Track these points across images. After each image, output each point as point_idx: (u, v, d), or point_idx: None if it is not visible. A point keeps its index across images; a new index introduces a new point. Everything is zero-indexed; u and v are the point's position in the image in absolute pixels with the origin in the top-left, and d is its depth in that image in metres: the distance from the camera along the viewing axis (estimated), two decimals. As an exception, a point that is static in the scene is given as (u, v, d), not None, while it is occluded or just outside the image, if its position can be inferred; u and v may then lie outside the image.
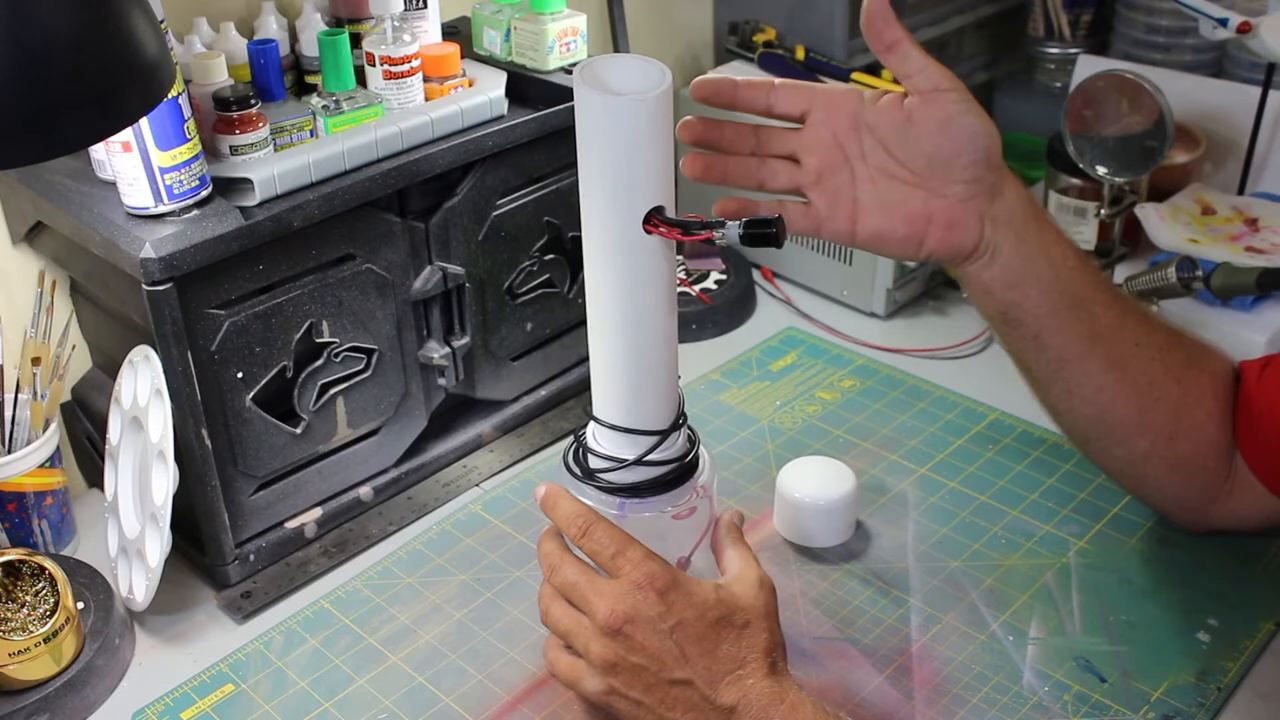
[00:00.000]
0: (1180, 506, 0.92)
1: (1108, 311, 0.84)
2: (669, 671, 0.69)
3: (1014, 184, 0.81)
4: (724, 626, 0.70)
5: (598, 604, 0.71)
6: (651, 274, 0.71)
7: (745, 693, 0.69)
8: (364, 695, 0.84)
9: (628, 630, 0.69)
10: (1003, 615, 0.88)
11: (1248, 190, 1.31)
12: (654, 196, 0.68)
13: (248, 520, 0.94)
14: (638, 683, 0.70)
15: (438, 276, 1.00)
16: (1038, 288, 0.82)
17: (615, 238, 0.69)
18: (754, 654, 0.70)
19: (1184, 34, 1.44)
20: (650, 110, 0.66)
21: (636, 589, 0.70)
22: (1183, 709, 0.80)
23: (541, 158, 1.04)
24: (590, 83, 0.66)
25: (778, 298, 1.29)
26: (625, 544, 0.72)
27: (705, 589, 0.71)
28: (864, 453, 1.06)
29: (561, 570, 0.74)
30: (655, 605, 0.69)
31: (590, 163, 0.68)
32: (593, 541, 0.73)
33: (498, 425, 1.10)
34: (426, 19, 1.02)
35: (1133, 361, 0.85)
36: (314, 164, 0.89)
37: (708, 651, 0.69)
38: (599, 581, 0.72)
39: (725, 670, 0.69)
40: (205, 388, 0.87)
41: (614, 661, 0.70)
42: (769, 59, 1.35)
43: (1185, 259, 1.15)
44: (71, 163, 0.91)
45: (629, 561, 0.71)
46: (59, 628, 0.83)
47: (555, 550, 0.75)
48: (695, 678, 0.69)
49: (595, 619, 0.71)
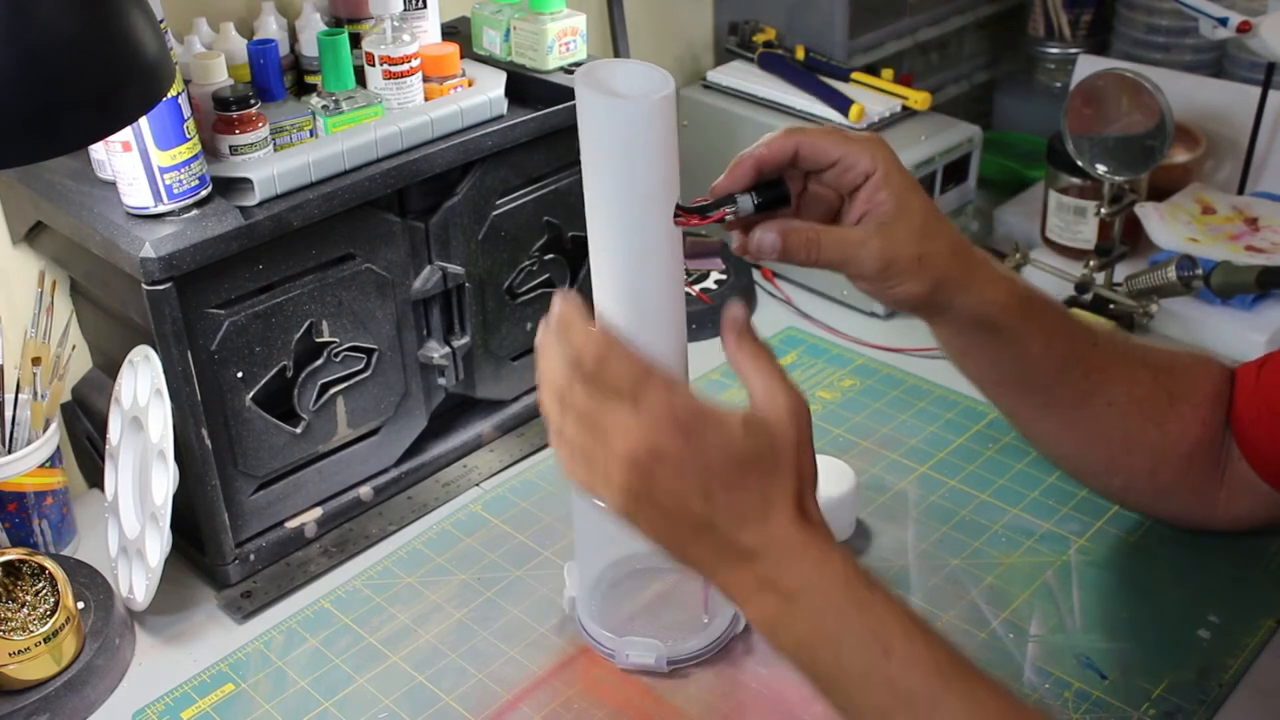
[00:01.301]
0: (1174, 518, 0.93)
1: (1076, 386, 0.84)
2: (690, 510, 0.63)
3: (979, 285, 0.78)
4: (751, 468, 0.63)
5: (616, 439, 0.63)
6: (659, 274, 0.71)
7: (770, 538, 0.63)
8: (364, 695, 0.84)
9: (649, 466, 0.63)
10: (1003, 613, 0.88)
11: (1248, 190, 1.31)
12: (667, 199, 0.68)
13: (248, 520, 0.94)
14: (659, 518, 0.64)
15: (438, 276, 1.00)
16: (986, 369, 0.84)
17: (624, 241, 0.69)
18: (781, 497, 0.64)
19: (1184, 34, 1.44)
20: (657, 112, 0.66)
21: (656, 427, 0.62)
22: (1183, 706, 0.80)
23: (541, 157, 1.04)
24: (594, 87, 0.66)
25: (778, 298, 1.29)
26: (644, 376, 0.63)
27: (732, 425, 0.63)
28: (864, 452, 1.06)
29: (570, 399, 0.65)
30: (678, 443, 0.62)
31: (597, 167, 0.68)
32: (610, 375, 0.63)
33: (498, 425, 1.10)
34: (426, 19, 1.02)
35: (1102, 420, 0.85)
36: (314, 164, 0.89)
37: (732, 492, 0.63)
38: (618, 413, 0.63)
39: (750, 513, 0.63)
40: (205, 387, 0.87)
41: (638, 493, 0.64)
42: (769, 59, 1.35)
43: (1185, 258, 1.15)
44: (71, 163, 0.91)
45: (648, 397, 0.62)
46: (59, 628, 0.83)
47: (558, 379, 0.66)
48: (718, 518, 0.63)
49: (614, 452, 0.64)
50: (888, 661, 0.60)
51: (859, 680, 0.62)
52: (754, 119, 1.30)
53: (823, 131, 0.72)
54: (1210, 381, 0.87)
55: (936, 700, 0.60)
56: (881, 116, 1.27)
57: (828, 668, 0.63)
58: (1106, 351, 0.85)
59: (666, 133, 0.66)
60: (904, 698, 0.60)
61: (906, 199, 0.73)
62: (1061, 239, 1.31)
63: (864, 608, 0.62)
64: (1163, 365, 0.87)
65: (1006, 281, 0.79)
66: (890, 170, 0.73)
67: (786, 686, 0.83)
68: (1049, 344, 0.82)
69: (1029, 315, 0.80)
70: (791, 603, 0.63)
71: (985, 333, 0.80)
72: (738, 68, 1.37)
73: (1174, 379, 0.86)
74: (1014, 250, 1.30)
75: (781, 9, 1.40)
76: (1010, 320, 0.79)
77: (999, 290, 0.78)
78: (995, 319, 0.79)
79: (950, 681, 0.60)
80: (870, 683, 0.61)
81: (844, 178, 0.73)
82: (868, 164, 0.72)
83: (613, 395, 0.63)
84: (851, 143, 0.72)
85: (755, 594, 0.64)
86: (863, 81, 1.31)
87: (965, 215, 1.34)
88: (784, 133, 0.72)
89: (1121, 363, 0.85)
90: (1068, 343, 0.83)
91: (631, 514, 0.65)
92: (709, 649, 0.86)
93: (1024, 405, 0.88)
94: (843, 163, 0.72)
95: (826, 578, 0.63)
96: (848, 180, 0.73)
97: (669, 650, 0.84)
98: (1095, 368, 0.84)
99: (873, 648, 0.61)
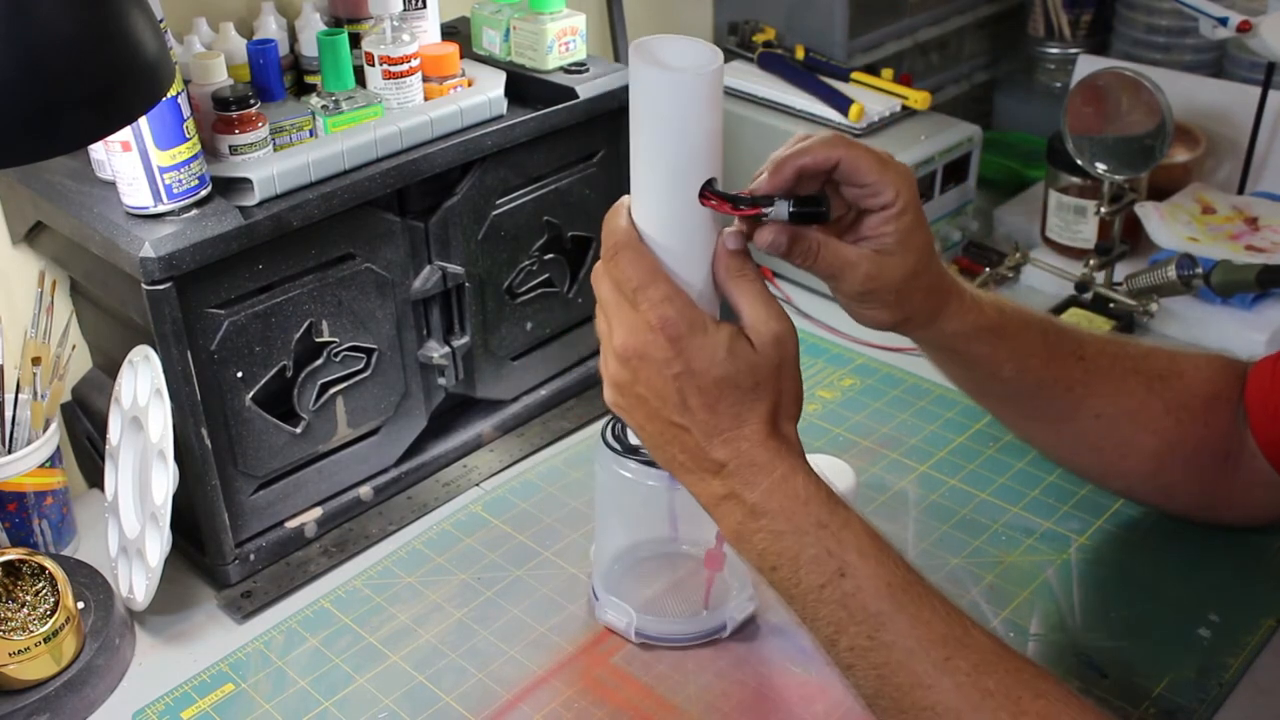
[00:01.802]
0: (1184, 513, 0.93)
1: (1057, 402, 0.85)
2: (669, 413, 0.68)
3: (944, 319, 0.79)
4: (728, 385, 0.67)
5: (615, 331, 0.69)
6: (703, 247, 0.71)
7: (738, 453, 0.67)
8: (364, 694, 0.84)
9: (635, 364, 0.68)
10: (1004, 612, 0.88)
11: (1248, 189, 1.31)
12: (710, 169, 0.68)
13: (248, 520, 0.94)
14: (641, 411, 0.70)
15: (437, 276, 1.00)
16: (962, 383, 0.86)
17: (670, 212, 0.69)
18: (755, 416, 0.68)
19: (1184, 34, 1.44)
20: (708, 84, 0.66)
21: (649, 329, 0.67)
22: (1184, 705, 0.80)
23: (541, 157, 1.04)
24: (649, 61, 0.67)
25: (778, 297, 1.29)
26: (648, 280, 0.68)
27: (717, 341, 0.67)
28: (864, 451, 1.06)
29: (599, 284, 0.71)
30: (664, 350, 0.67)
31: (646, 138, 0.68)
32: (618, 270, 0.69)
33: (498, 425, 1.10)
34: (426, 19, 1.02)
35: (1090, 432, 0.86)
36: (313, 164, 0.89)
37: (708, 405, 0.67)
38: (623, 309, 0.69)
39: (723, 426, 0.68)
40: (205, 387, 0.87)
41: (623, 385, 0.70)
42: (769, 59, 1.36)
43: (1185, 257, 1.15)
44: (71, 163, 0.91)
45: (647, 300, 0.67)
46: (59, 627, 0.83)
47: (599, 266, 0.71)
48: (693, 427, 0.68)
49: (611, 344, 0.70)
50: (842, 580, 0.65)
51: (814, 595, 0.66)
52: (754, 119, 1.30)
53: (863, 151, 0.73)
54: (1213, 384, 0.87)
55: (884, 618, 0.64)
56: (881, 116, 1.27)
57: (786, 582, 0.67)
58: (1093, 365, 0.85)
59: (714, 105, 0.67)
60: (856, 615, 0.64)
61: (909, 239, 0.74)
62: (1061, 238, 1.31)
63: (822, 528, 0.66)
64: (1158, 372, 0.86)
65: (974, 312, 0.80)
66: (906, 208, 0.74)
67: (787, 686, 0.83)
68: (1022, 366, 0.83)
69: (999, 340, 0.82)
70: (755, 517, 0.67)
71: (954, 355, 0.83)
72: (738, 68, 1.37)
73: (1169, 386, 0.86)
74: (1014, 250, 1.30)
75: (781, 9, 1.40)
76: (975, 348, 0.82)
77: (964, 322, 0.80)
78: (958, 348, 0.82)
79: (900, 602, 0.64)
80: (824, 599, 0.65)
81: (865, 199, 0.74)
82: (890, 196, 0.73)
83: (620, 290, 0.69)
84: (886, 170, 0.73)
85: (722, 503, 0.68)
86: (862, 81, 1.31)
87: (965, 215, 1.34)
88: (828, 142, 0.73)
89: (1109, 375, 0.86)
90: (1045, 362, 0.84)
91: (619, 405, 0.71)
92: (686, 638, 0.87)
93: (1007, 415, 0.91)
94: (872, 187, 0.73)
95: (789, 496, 0.67)
96: (867, 203, 0.74)
97: (641, 623, 0.86)
98: (1078, 383, 0.85)
99: (828, 566, 0.65)
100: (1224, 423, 0.86)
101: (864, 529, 0.67)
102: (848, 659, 0.65)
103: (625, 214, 0.70)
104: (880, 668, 0.64)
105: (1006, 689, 0.62)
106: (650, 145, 0.68)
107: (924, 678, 0.62)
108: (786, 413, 0.70)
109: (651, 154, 0.68)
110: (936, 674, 0.62)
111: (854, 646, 0.65)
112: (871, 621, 0.64)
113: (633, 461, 0.82)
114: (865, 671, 0.65)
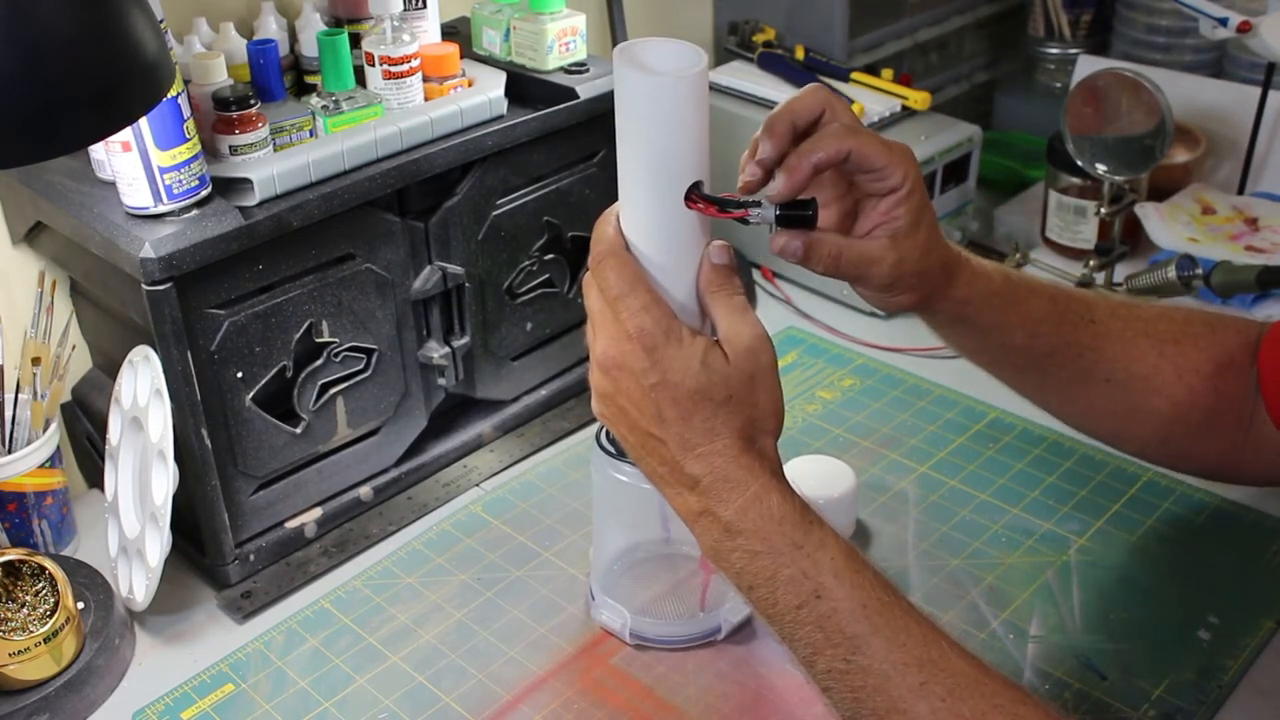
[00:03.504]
0: (1199, 475, 0.94)
1: (1069, 367, 0.85)
2: (646, 424, 0.68)
3: (956, 287, 0.80)
4: (702, 399, 0.66)
5: (598, 340, 0.69)
6: (689, 255, 0.71)
7: (711, 469, 0.66)
8: (364, 695, 0.84)
9: (615, 374, 0.68)
10: (1003, 613, 0.88)
11: (1248, 190, 1.31)
12: (695, 173, 0.68)
13: (248, 520, 0.94)
14: (623, 422, 0.69)
15: (437, 276, 1.00)
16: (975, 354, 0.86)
17: (654, 219, 0.69)
18: (728, 430, 0.67)
19: (1184, 34, 1.44)
20: (690, 88, 0.66)
21: (627, 339, 0.67)
22: (1183, 707, 0.80)
23: (541, 157, 1.04)
24: (630, 64, 0.66)
25: (778, 297, 1.29)
26: (628, 289, 0.68)
27: (692, 354, 0.67)
28: (864, 451, 1.06)
29: (587, 293, 0.71)
30: (641, 360, 0.67)
31: (630, 143, 0.68)
32: (600, 278, 0.69)
33: (498, 425, 1.10)
34: (426, 19, 1.02)
35: (1102, 396, 0.86)
36: (313, 164, 0.89)
37: (683, 417, 0.67)
38: (605, 318, 0.69)
39: (696, 441, 0.67)
40: (205, 388, 0.87)
41: (605, 395, 0.70)
42: (768, 59, 1.36)
43: (1185, 257, 1.15)
44: (71, 163, 0.91)
45: (626, 309, 0.67)
46: (59, 628, 0.83)
47: (588, 275, 0.72)
48: (668, 439, 0.67)
49: (594, 352, 0.70)
50: (818, 602, 0.64)
51: (791, 616, 0.65)
52: (754, 119, 1.30)
53: (868, 137, 0.73)
54: (1225, 348, 0.86)
55: (860, 641, 0.63)
56: (881, 116, 1.27)
57: (764, 601, 0.66)
58: (1104, 328, 0.85)
59: (697, 108, 0.67)
60: (833, 637, 0.64)
61: (920, 218, 0.74)
62: (1061, 239, 1.31)
63: (797, 549, 0.65)
64: (1170, 336, 0.86)
65: (983, 279, 0.80)
66: (914, 188, 0.74)
67: (787, 687, 0.83)
68: (1033, 332, 0.83)
69: (1008, 307, 0.82)
70: (730, 535, 0.66)
71: (966, 325, 0.83)
72: (738, 68, 1.37)
73: (1181, 351, 0.86)
74: (1014, 250, 1.30)
75: (781, 9, 1.40)
76: (987, 315, 0.81)
77: (974, 289, 0.80)
78: (971, 316, 0.81)
79: (876, 624, 0.63)
80: (801, 620, 0.65)
81: (873, 185, 0.74)
82: (898, 179, 0.73)
83: (604, 299, 0.69)
84: (891, 153, 0.73)
85: (699, 518, 0.68)
86: (862, 81, 1.31)
87: (965, 215, 1.34)
88: (838, 134, 0.72)
89: (1120, 340, 0.85)
90: (1055, 327, 0.84)
91: (604, 415, 0.71)
92: (680, 640, 0.87)
93: (1020, 383, 0.89)
94: (880, 173, 0.73)
95: (762, 516, 0.66)
96: (875, 188, 0.74)
97: (636, 624, 0.86)
98: (1089, 348, 0.84)
99: (804, 588, 0.65)
100: (1237, 389, 0.86)
101: (840, 549, 0.65)
102: (825, 681, 0.65)
103: (613, 221, 0.70)
104: (857, 691, 0.63)
105: (982, 714, 0.61)
106: (634, 151, 0.67)
107: (899, 702, 0.62)
108: (763, 427, 0.69)
109: (635, 159, 0.68)
110: (912, 699, 0.62)
111: (831, 669, 0.64)
112: (848, 644, 0.63)
113: (627, 465, 0.82)
114: (843, 694, 0.64)
